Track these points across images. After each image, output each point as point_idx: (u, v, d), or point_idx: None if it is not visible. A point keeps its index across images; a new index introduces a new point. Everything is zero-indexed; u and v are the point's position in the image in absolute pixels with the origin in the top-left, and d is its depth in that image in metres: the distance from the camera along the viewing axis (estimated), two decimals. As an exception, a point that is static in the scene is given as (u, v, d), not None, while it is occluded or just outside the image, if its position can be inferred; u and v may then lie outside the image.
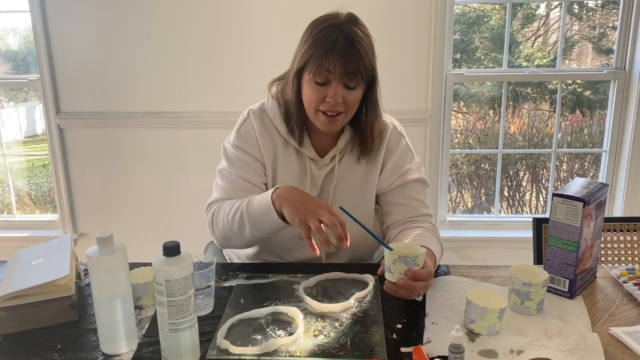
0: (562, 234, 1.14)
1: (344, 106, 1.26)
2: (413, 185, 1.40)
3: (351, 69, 1.22)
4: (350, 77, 1.23)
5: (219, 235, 1.33)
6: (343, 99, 1.25)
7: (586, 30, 3.08)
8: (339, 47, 1.21)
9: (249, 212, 1.23)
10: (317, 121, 1.30)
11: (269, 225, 1.22)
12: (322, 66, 1.22)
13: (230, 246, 1.39)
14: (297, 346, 0.98)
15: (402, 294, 1.08)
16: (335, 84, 1.23)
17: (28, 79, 2.73)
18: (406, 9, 2.48)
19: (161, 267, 0.89)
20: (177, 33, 2.55)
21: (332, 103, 1.24)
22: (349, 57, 1.21)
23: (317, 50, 1.22)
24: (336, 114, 1.27)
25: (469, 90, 3.08)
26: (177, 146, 2.69)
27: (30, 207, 3.48)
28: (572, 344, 0.97)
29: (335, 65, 1.21)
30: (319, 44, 1.23)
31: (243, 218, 1.24)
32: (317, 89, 1.25)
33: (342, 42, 1.21)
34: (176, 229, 2.72)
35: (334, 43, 1.21)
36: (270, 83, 1.41)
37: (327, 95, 1.24)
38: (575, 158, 3.26)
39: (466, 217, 2.97)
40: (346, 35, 1.22)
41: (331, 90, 1.24)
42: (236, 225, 1.26)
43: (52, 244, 1.26)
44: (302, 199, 1.17)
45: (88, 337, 1.03)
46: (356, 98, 1.28)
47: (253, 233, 1.25)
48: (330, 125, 1.29)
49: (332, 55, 1.21)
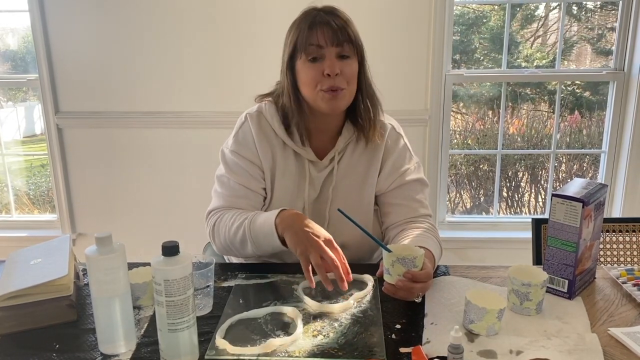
0: (562, 234, 1.14)
1: (343, 79, 1.26)
2: (412, 186, 1.40)
3: (339, 35, 1.24)
4: (341, 43, 1.25)
5: (220, 245, 1.34)
6: (340, 71, 1.25)
7: (585, 31, 3.08)
8: (320, 19, 1.25)
9: (252, 232, 1.24)
10: (321, 102, 1.28)
11: (270, 247, 1.24)
12: (311, 42, 1.25)
13: (231, 255, 1.40)
14: (296, 346, 0.98)
15: (401, 296, 1.08)
16: (328, 55, 1.25)
17: (27, 79, 2.72)
18: (405, 10, 2.48)
19: (160, 267, 0.89)
20: (177, 33, 2.55)
21: (330, 73, 1.24)
22: (334, 25, 1.25)
23: (302, 30, 1.26)
24: (337, 89, 1.26)
25: (468, 91, 3.08)
26: (177, 146, 2.68)
27: (28, 207, 3.48)
28: (571, 344, 0.97)
29: (322, 36, 1.24)
30: (302, 25, 1.27)
31: (245, 237, 1.25)
32: (313, 66, 1.26)
33: (322, 15, 1.26)
34: (175, 229, 2.71)
35: (314, 17, 1.26)
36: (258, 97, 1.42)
37: (324, 69, 1.24)
38: (574, 159, 3.26)
39: (465, 218, 2.97)
40: (325, 10, 1.28)
41: (326, 61, 1.25)
42: (238, 241, 1.28)
43: (51, 243, 1.26)
44: (306, 229, 1.15)
45: (86, 337, 1.03)
46: (352, 69, 1.28)
47: (254, 251, 1.27)
48: (334, 102, 1.27)
49: (316, 27, 1.25)
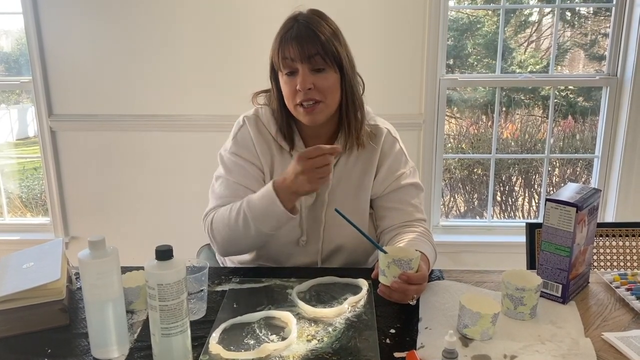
0: (555, 239, 1.14)
1: (318, 92, 1.26)
2: (407, 190, 1.40)
3: (308, 51, 1.24)
4: (311, 59, 1.24)
5: (221, 241, 1.31)
6: (314, 85, 1.25)
7: (578, 37, 3.11)
8: (292, 33, 1.25)
9: (251, 210, 1.23)
10: (299, 116, 1.29)
11: (274, 219, 1.21)
12: (284, 56, 1.25)
13: (233, 252, 1.38)
14: (290, 351, 0.97)
15: (396, 298, 1.08)
16: (301, 70, 1.25)
17: (20, 81, 2.71)
18: (400, 15, 2.49)
19: (153, 271, 0.89)
20: (171, 36, 2.54)
21: (300, 89, 1.24)
22: (304, 40, 1.24)
23: (277, 43, 1.27)
24: (313, 102, 1.26)
25: (462, 96, 3.09)
26: (171, 149, 2.68)
27: (21, 210, 3.46)
28: (565, 349, 0.97)
29: (292, 51, 1.24)
30: (279, 37, 1.27)
31: (247, 218, 1.23)
32: (289, 81, 1.27)
33: (295, 29, 1.25)
34: (169, 233, 2.70)
35: (287, 31, 1.26)
36: (254, 94, 1.42)
37: (297, 84, 1.25)
38: (567, 163, 3.28)
39: (459, 222, 2.97)
40: (300, 22, 1.26)
41: (299, 77, 1.25)
42: (241, 226, 1.25)
43: (43, 247, 1.25)
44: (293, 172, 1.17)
45: (79, 341, 1.02)
46: (328, 82, 1.27)
47: (258, 231, 1.24)
48: (310, 116, 1.28)
49: (288, 42, 1.25)
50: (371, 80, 1.38)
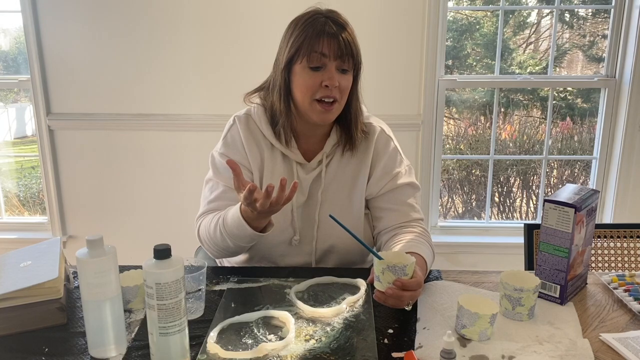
0: (554, 240, 1.14)
1: (339, 92, 1.27)
2: (403, 190, 1.39)
3: (344, 50, 1.24)
4: (344, 58, 1.25)
5: (209, 249, 1.35)
6: (338, 83, 1.25)
7: (577, 39, 3.11)
8: (329, 29, 1.24)
9: (226, 227, 1.24)
10: (313, 112, 1.28)
11: (247, 238, 1.22)
12: (315, 49, 1.24)
13: (224, 257, 1.39)
14: (288, 351, 0.97)
15: (391, 304, 1.06)
16: (330, 66, 1.25)
17: (18, 80, 2.70)
18: (399, 15, 2.49)
19: (152, 270, 0.88)
20: (170, 35, 2.54)
21: (329, 85, 1.24)
22: (341, 39, 1.24)
23: (308, 35, 1.24)
24: (332, 100, 1.27)
25: (461, 97, 3.09)
26: (169, 148, 2.67)
27: (18, 209, 3.45)
28: (563, 349, 0.97)
29: (329, 47, 1.23)
30: (309, 29, 1.25)
31: (223, 235, 1.25)
32: (312, 75, 1.25)
33: (331, 25, 1.25)
34: (167, 232, 2.70)
35: (323, 25, 1.24)
36: (246, 94, 1.41)
37: (323, 79, 1.24)
38: (565, 165, 3.28)
39: (457, 223, 2.97)
40: (333, 19, 1.26)
41: (327, 73, 1.24)
42: (219, 240, 1.27)
43: (41, 246, 1.25)
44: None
45: (76, 340, 1.02)
46: (348, 84, 1.29)
47: (235, 246, 1.27)
48: (326, 114, 1.28)
49: (324, 37, 1.24)
50: (370, 81, 1.38)
